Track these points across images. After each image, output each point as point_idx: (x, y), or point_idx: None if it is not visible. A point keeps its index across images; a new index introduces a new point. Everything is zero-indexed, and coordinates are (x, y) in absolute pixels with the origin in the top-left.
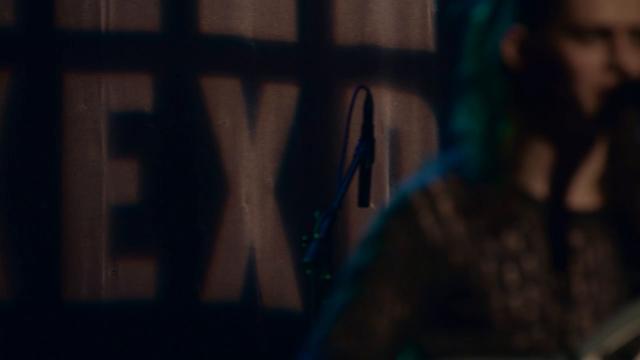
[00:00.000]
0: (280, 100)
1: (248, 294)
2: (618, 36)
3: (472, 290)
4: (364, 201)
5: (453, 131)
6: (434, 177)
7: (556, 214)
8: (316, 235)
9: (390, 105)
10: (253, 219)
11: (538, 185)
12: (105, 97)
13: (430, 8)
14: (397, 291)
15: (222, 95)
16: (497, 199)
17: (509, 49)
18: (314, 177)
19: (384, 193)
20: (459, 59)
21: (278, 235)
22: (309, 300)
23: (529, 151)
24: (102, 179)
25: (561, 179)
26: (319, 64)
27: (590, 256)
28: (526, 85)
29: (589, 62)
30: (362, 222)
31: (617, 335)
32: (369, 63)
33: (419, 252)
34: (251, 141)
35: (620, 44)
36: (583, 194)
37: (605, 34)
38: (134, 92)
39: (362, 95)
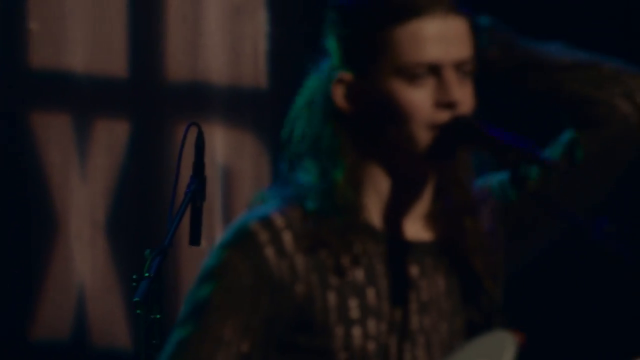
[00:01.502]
0: (112, 136)
1: (78, 332)
2: (446, 72)
3: (315, 323)
4: (195, 240)
5: (285, 169)
6: (276, 209)
7: (394, 247)
8: (146, 274)
9: (222, 142)
10: (83, 257)
11: (377, 219)
12: None
13: (262, 45)
14: (238, 325)
15: (53, 132)
16: (338, 231)
17: (338, 96)
18: (145, 215)
19: (216, 231)
20: (291, 97)
21: (108, 274)
22: (138, 340)
23: (367, 187)
24: None
25: (397, 213)
26: (151, 100)
27: (424, 290)
28: (359, 128)
29: (420, 100)
30: (193, 260)
31: None
32: (201, 99)
33: (260, 285)
34: (81, 178)
35: (448, 80)
36: (419, 228)
37: (433, 71)
38: None
39: (193, 132)
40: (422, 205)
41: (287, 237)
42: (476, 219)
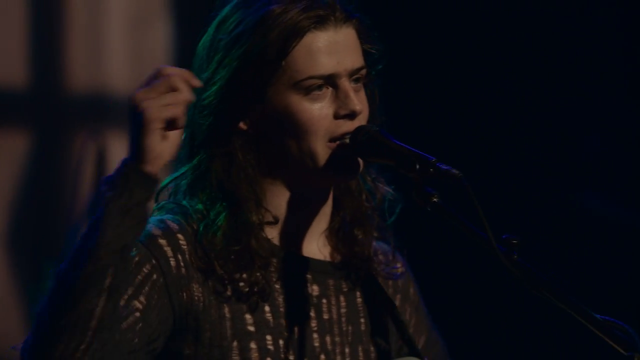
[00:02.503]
0: (11, 148)
1: None
2: (342, 83)
3: (212, 333)
4: None
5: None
6: (170, 218)
7: (292, 265)
8: (48, 285)
9: (123, 153)
10: None
11: (277, 236)
12: None
13: (166, 55)
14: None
15: None
16: (233, 250)
17: (241, 125)
18: (44, 226)
19: None
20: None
21: (8, 285)
22: None
23: (269, 205)
24: None
25: (297, 231)
26: (52, 111)
27: (325, 309)
28: (259, 146)
29: (318, 113)
30: None
31: None
32: (103, 110)
33: (157, 281)
34: None
35: (345, 91)
36: (320, 246)
37: (329, 82)
38: None
39: (95, 143)
40: (322, 222)
41: (185, 245)
42: (368, 231)
